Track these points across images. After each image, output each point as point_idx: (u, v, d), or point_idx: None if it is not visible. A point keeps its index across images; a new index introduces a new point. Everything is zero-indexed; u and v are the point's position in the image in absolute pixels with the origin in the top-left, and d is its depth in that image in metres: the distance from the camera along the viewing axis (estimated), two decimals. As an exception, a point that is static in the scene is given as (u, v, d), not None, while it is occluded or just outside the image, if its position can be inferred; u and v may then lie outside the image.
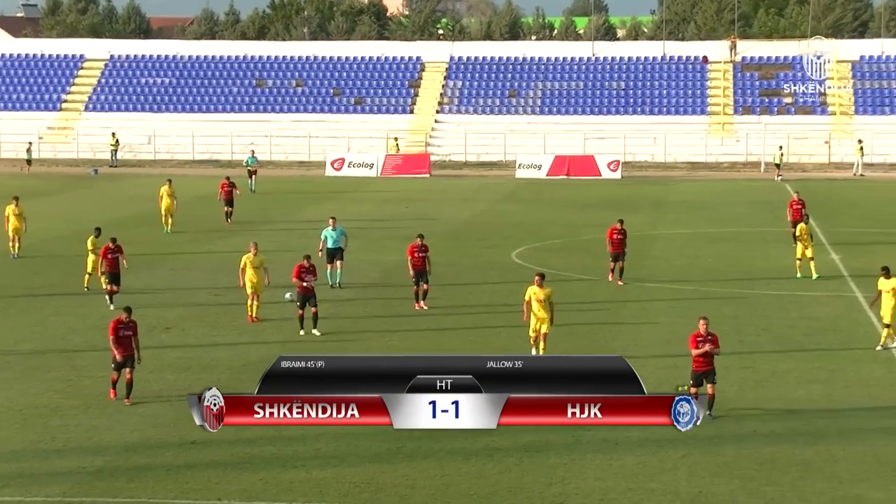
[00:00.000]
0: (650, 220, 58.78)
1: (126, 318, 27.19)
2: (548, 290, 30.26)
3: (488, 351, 32.01)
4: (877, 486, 22.22)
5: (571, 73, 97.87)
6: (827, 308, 36.22)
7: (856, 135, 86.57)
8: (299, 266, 33.64)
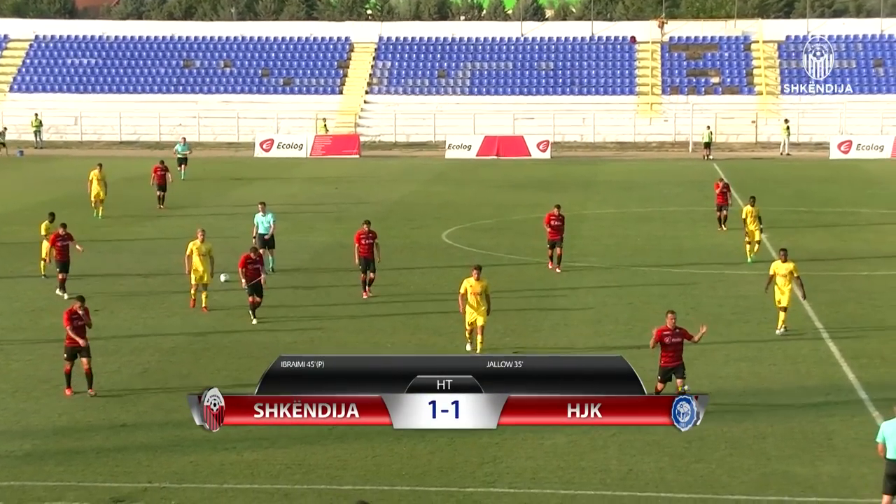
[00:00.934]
0: (579, 200, 58.99)
1: (80, 308, 26.66)
2: (484, 283, 29.44)
3: (419, 332, 32.09)
4: (803, 463, 22.49)
5: (500, 54, 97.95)
6: (754, 287, 36.47)
7: (782, 114, 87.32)
8: (246, 256, 33.27)
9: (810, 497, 20.83)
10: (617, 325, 33.19)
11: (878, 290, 37.08)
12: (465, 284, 29.41)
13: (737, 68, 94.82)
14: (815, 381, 27.66)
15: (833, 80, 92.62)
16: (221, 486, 21.55)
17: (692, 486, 21.34)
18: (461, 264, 41.27)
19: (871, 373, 28.36)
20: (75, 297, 27.39)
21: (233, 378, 28.41)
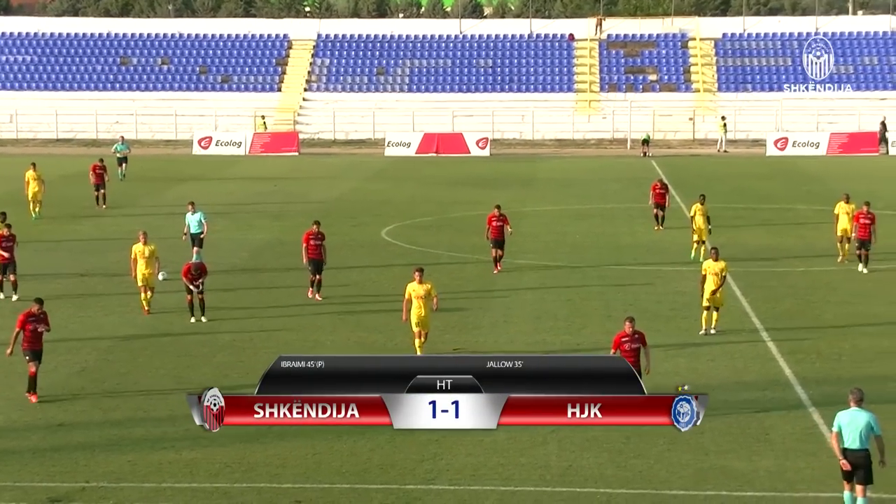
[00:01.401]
0: (519, 197, 59.11)
1: (38, 311, 25.97)
2: (427, 286, 28.66)
3: (359, 330, 32.05)
4: (741, 457, 22.67)
5: (439, 51, 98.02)
6: (692, 283, 36.67)
7: (719, 112, 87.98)
8: (187, 266, 33.01)
9: (747, 491, 20.99)
10: (556, 322, 33.31)
11: (814, 286, 37.44)
12: (408, 289, 28.60)
13: (674, 66, 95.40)
14: (752, 377, 27.86)
15: (770, 77, 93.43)
16: (160, 484, 21.42)
17: (631, 482, 21.45)
18: (401, 262, 41.32)
19: (808, 368, 28.61)
20: (34, 300, 26.65)
21: (172, 376, 28.27)
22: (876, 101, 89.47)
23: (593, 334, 31.87)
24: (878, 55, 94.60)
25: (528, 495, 20.87)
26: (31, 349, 25.77)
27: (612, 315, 33.93)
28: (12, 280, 35.57)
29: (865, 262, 38.88)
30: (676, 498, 20.66)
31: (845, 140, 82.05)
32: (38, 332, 25.87)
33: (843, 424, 19.38)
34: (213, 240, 41.22)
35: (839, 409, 22.74)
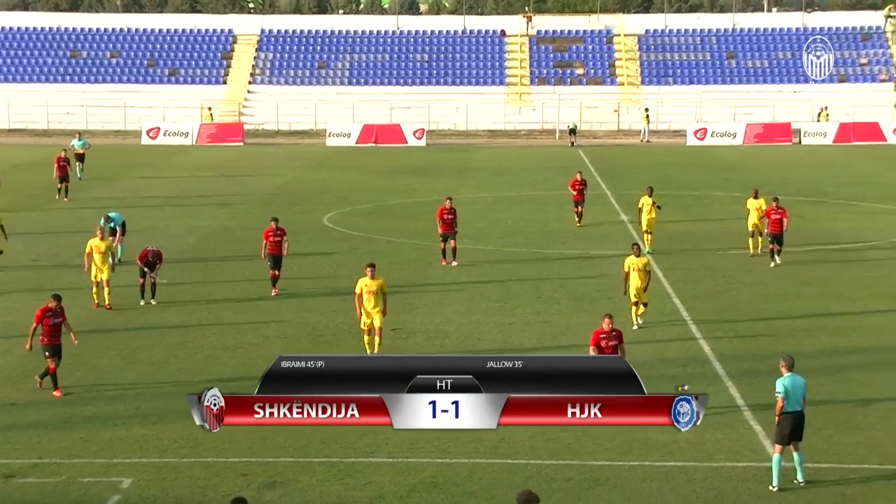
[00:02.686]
0: (454, 185, 59.16)
1: (55, 306, 24.82)
2: (380, 281, 27.03)
3: (303, 311, 31.95)
4: (662, 430, 22.74)
5: (377, 46, 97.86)
6: (617, 266, 36.94)
7: (642, 104, 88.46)
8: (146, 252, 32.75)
9: (668, 462, 21.16)
10: (489, 303, 33.40)
11: (731, 267, 37.78)
12: (360, 284, 26.92)
13: (600, 60, 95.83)
14: (673, 354, 28.07)
15: (689, 71, 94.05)
16: (111, 460, 21.30)
17: (560, 453, 21.57)
18: (342, 246, 41.30)
19: (726, 345, 28.88)
20: (52, 296, 25.45)
21: (122, 357, 28.11)
22: (789, 94, 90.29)
23: (524, 314, 32.03)
24: (790, 50, 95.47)
25: (463, 467, 20.94)
26: (49, 344, 24.62)
27: (541, 296, 34.12)
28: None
29: (777, 256, 37.88)
30: (602, 468, 20.81)
31: (760, 130, 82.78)
32: (56, 327, 24.69)
33: (788, 388, 19.72)
34: (162, 226, 41.01)
35: (755, 384, 23.00)
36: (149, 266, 32.57)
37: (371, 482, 20.27)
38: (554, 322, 31.35)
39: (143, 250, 32.99)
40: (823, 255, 40.15)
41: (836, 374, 25.79)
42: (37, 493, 19.47)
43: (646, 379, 25.81)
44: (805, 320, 31.43)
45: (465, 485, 20.11)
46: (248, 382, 24.59)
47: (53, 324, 24.64)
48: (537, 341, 29.46)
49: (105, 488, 19.97)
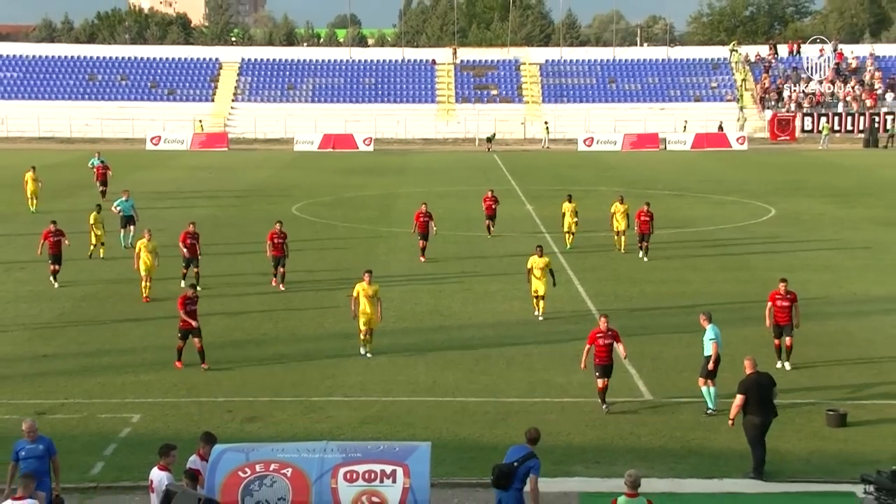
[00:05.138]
0: (395, 182, 59.07)
1: (192, 294, 23.07)
2: (376, 287, 24.00)
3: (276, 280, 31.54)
4: (560, 373, 22.99)
5: (335, 72, 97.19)
6: (524, 245, 37.11)
7: (543, 118, 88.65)
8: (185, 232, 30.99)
9: (564, 398, 21.27)
10: (424, 275, 33.41)
11: (611, 244, 37.83)
12: (357, 288, 23.94)
13: (510, 84, 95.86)
14: (568, 314, 28.17)
15: (580, 92, 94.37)
16: (123, 400, 21.09)
17: (479, 393, 21.62)
18: (307, 230, 41.01)
19: (608, 307, 28.81)
20: (189, 286, 24.16)
21: (132, 318, 27.81)
22: (657, 111, 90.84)
23: (450, 283, 32.06)
24: (658, 76, 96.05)
25: (403, 404, 20.94)
26: (184, 328, 22.90)
27: (464, 269, 34.10)
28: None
29: (646, 252, 35.56)
30: (513, 404, 20.88)
31: (635, 139, 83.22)
32: (192, 313, 22.81)
33: (719, 334, 20.30)
34: (162, 214, 40.46)
35: (631, 338, 23.13)
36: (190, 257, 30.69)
37: (331, 416, 20.21)
38: (474, 289, 31.39)
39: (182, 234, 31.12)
40: (683, 237, 40.47)
41: (693, 328, 25.97)
42: (63, 427, 19.21)
43: (546, 333, 26.14)
44: (669, 285, 31.69)
45: (405, 418, 20.10)
46: (231, 341, 24.44)
47: (192, 310, 22.83)
48: (461, 305, 29.48)
49: (118, 422, 19.77)
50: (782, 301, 22.85)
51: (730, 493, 16.68)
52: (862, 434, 19.16)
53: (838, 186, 56.06)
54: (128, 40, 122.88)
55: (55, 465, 14.65)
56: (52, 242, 31.45)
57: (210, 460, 13.22)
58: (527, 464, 14.13)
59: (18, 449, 14.52)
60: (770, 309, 23.00)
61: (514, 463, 14.13)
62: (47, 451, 14.53)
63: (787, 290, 22.99)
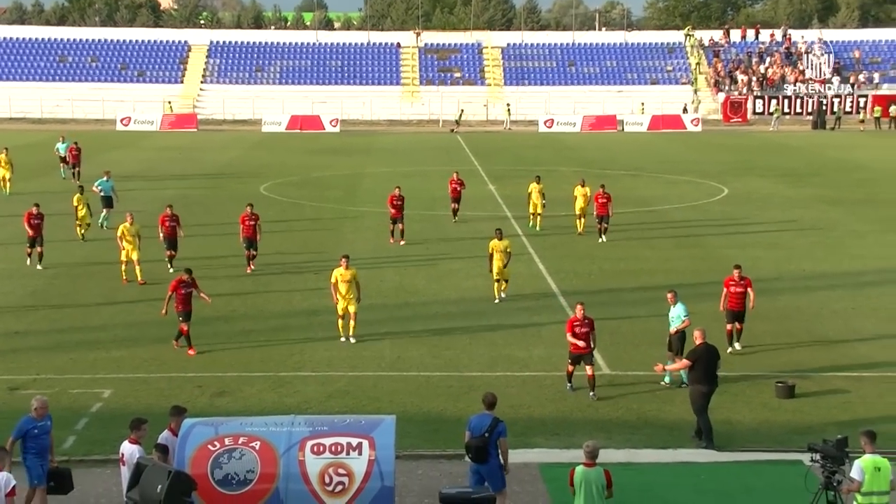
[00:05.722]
0: (361, 162, 58.86)
1: (187, 278, 22.44)
2: (353, 271, 23.09)
3: (244, 264, 31.34)
4: (521, 348, 23.07)
5: (302, 54, 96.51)
6: (487, 224, 37.14)
7: (505, 100, 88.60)
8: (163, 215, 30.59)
9: (525, 372, 21.36)
10: (389, 252, 33.36)
11: (570, 224, 37.77)
12: (335, 273, 23.16)
13: (473, 66, 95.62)
14: (528, 290, 28.22)
15: (540, 75, 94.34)
16: (94, 376, 20.92)
17: (443, 367, 21.67)
18: (275, 209, 40.79)
19: (567, 283, 29.18)
20: (184, 270, 23.14)
21: (103, 295, 27.58)
22: (614, 93, 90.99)
23: (415, 260, 32.05)
24: (615, 60, 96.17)
25: (369, 378, 20.94)
26: (184, 311, 22.28)
27: (428, 247, 34.08)
28: (39, 251, 30.64)
29: (604, 234, 35.13)
30: (475, 378, 20.92)
31: (593, 121, 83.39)
32: (188, 296, 22.34)
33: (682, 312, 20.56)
34: (133, 194, 40.10)
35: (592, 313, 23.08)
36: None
37: (298, 391, 20.16)
38: (439, 267, 31.40)
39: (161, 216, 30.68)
40: (639, 216, 40.64)
41: (649, 304, 26.18)
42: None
43: (509, 309, 26.19)
44: (627, 263, 31.84)
45: (371, 392, 20.09)
46: (201, 318, 24.27)
47: (186, 293, 22.30)
48: (425, 282, 29.47)
49: (90, 397, 19.62)
50: (736, 287, 22.47)
51: (684, 463, 16.87)
52: (809, 405, 19.39)
53: (788, 167, 56.50)
54: (98, 22, 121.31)
55: (51, 439, 14.56)
56: (34, 225, 30.51)
57: (180, 434, 13.17)
58: (496, 430, 14.32)
59: (30, 427, 14.14)
60: (725, 294, 22.65)
61: (485, 434, 14.25)
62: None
63: (741, 276, 22.59)
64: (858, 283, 29.21)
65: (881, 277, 29.92)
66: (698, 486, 16.09)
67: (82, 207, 34.78)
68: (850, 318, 25.42)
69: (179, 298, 22.31)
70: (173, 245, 30.38)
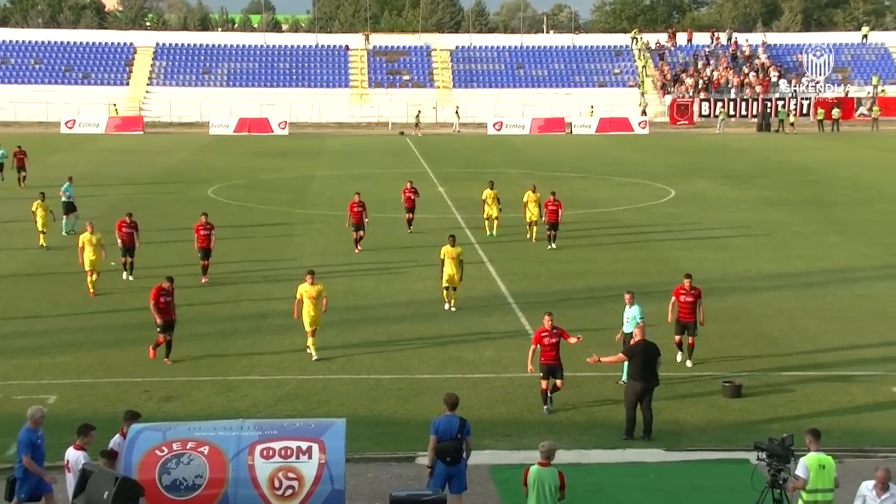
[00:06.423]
0: (311, 165, 58.62)
1: (168, 287, 21.92)
2: (319, 287, 22.25)
3: (192, 265, 31.06)
4: (471, 350, 23.10)
5: (249, 56, 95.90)
6: (436, 226, 37.16)
7: (454, 103, 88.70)
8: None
9: (475, 374, 21.39)
10: (338, 255, 33.26)
11: (520, 226, 37.72)
12: (300, 290, 22.32)
13: (422, 69, 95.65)
14: (479, 293, 28.21)
15: (489, 78, 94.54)
16: (39, 382, 20.63)
17: (393, 370, 21.63)
18: (223, 214, 40.48)
19: (517, 285, 29.27)
20: (165, 278, 22.36)
21: (48, 301, 27.20)
22: (562, 96, 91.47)
23: (365, 262, 31.95)
24: (563, 62, 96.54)
25: (318, 381, 20.86)
26: (163, 320, 21.77)
27: (378, 249, 34.00)
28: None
29: (554, 241, 34.42)
30: (425, 380, 20.92)
31: (542, 123, 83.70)
32: (168, 305, 21.78)
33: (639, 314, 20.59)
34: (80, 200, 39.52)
35: (538, 314, 23.22)
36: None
37: (247, 395, 20.03)
38: (388, 270, 31.34)
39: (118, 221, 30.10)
40: (588, 217, 40.87)
41: (597, 305, 26.36)
42: (-21, 410, 18.70)
43: (460, 311, 26.19)
44: (576, 264, 32.01)
45: (321, 395, 20.02)
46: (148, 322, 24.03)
47: (166, 302, 21.72)
48: (374, 285, 29.41)
49: (34, 404, 19.18)
50: (686, 297, 21.60)
51: (633, 462, 17.00)
52: (755, 404, 19.63)
53: (734, 169, 57.16)
54: (41, 24, 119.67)
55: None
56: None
57: (127, 439, 13.03)
58: (465, 430, 14.52)
59: (34, 438, 13.92)
60: (673, 304, 21.89)
61: (457, 436, 14.40)
62: None
63: (691, 285, 21.71)
64: (803, 283, 29.63)
65: (825, 278, 30.38)
66: (647, 485, 16.23)
67: (43, 214, 33.92)
68: (795, 318, 25.77)
69: (159, 308, 21.73)
70: (130, 252, 29.70)
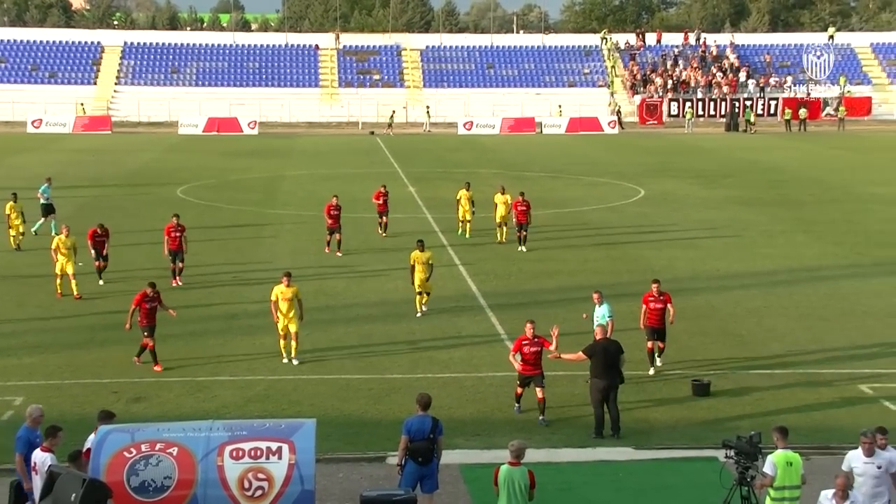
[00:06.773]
0: (280, 165, 58.43)
1: (152, 292, 21.59)
2: (294, 289, 21.89)
3: (159, 265, 30.91)
4: (442, 350, 23.11)
5: (218, 56, 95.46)
6: (409, 225, 37.16)
7: (425, 102, 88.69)
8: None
9: (446, 374, 21.41)
10: (309, 255, 33.19)
11: (490, 226, 37.87)
12: (275, 291, 21.83)
13: (392, 69, 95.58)
14: (449, 293, 28.20)
15: (459, 78, 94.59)
16: (5, 383, 20.45)
17: (364, 370, 21.62)
18: (192, 215, 40.27)
19: (488, 285, 29.31)
20: (148, 283, 21.99)
21: (14, 302, 26.99)
22: (533, 96, 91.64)
23: (335, 262, 31.91)
24: (533, 62, 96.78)
25: (289, 382, 20.81)
26: (148, 325, 21.45)
27: (349, 249, 33.91)
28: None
29: (524, 242, 34.10)
30: (396, 380, 20.92)
31: (512, 123, 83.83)
32: (153, 310, 21.53)
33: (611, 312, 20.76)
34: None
35: (508, 313, 23.27)
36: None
37: (216, 395, 19.95)
38: (359, 269, 31.30)
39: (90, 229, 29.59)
40: (558, 217, 40.98)
41: (568, 304, 26.38)
42: (-56, 413, 18.51)
43: (431, 311, 26.18)
44: (546, 264, 32.09)
45: (291, 395, 19.97)
46: (117, 323, 23.88)
47: (150, 307, 21.46)
48: (345, 284, 29.37)
49: (1, 405, 19.14)
50: (655, 303, 21.28)
51: (602, 461, 17.08)
52: (724, 402, 19.77)
53: (702, 168, 57.50)
54: (6, 22, 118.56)
55: None
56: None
57: (95, 441, 12.94)
58: (438, 430, 14.55)
59: (34, 438, 13.72)
60: (644, 311, 21.42)
61: (430, 436, 14.42)
62: None
63: (659, 290, 21.38)
64: (771, 282, 29.87)
65: (792, 276, 30.63)
66: (617, 483, 16.31)
67: (16, 216, 33.61)
68: (763, 317, 25.97)
69: (143, 313, 21.42)
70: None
